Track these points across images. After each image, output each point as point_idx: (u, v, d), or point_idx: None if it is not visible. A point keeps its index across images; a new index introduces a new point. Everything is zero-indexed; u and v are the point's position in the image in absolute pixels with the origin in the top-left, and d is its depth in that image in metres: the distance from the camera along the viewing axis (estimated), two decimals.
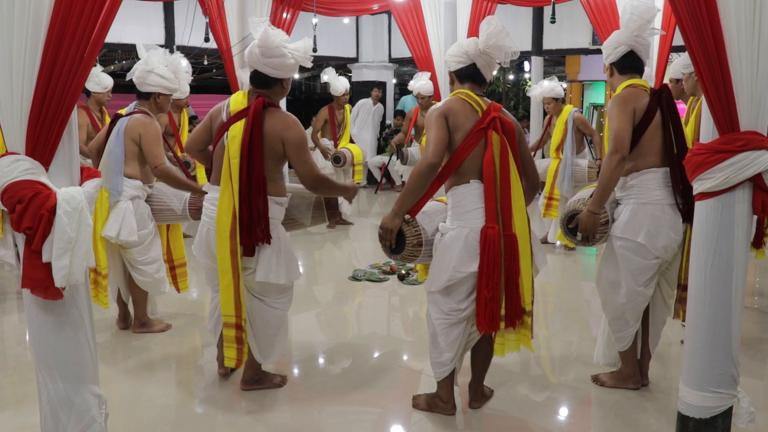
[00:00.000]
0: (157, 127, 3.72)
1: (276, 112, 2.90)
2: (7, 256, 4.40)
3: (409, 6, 8.02)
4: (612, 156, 2.84)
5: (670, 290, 3.09)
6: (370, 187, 10.57)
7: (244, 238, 2.84)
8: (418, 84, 7.03)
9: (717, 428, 2.37)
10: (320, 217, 3.17)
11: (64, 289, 1.93)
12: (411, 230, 2.75)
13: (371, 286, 5.11)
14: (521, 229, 2.70)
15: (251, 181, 2.82)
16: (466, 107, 2.73)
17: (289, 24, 8.13)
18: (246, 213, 2.82)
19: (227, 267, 2.87)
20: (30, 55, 1.81)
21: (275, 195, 2.93)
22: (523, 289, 2.71)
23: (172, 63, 3.78)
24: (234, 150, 2.83)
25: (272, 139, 2.86)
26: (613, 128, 2.88)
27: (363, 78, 11.54)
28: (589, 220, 2.94)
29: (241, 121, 2.85)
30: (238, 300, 2.90)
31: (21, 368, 3.50)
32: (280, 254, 2.91)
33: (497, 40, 2.73)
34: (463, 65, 2.79)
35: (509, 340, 2.76)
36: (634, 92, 2.94)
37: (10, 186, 1.86)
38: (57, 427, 2.04)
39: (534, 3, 8.72)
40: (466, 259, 2.67)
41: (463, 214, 2.71)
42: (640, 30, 2.93)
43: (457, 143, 2.71)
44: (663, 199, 2.91)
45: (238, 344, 2.97)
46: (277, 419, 2.94)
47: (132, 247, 3.72)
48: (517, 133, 2.79)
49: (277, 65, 2.87)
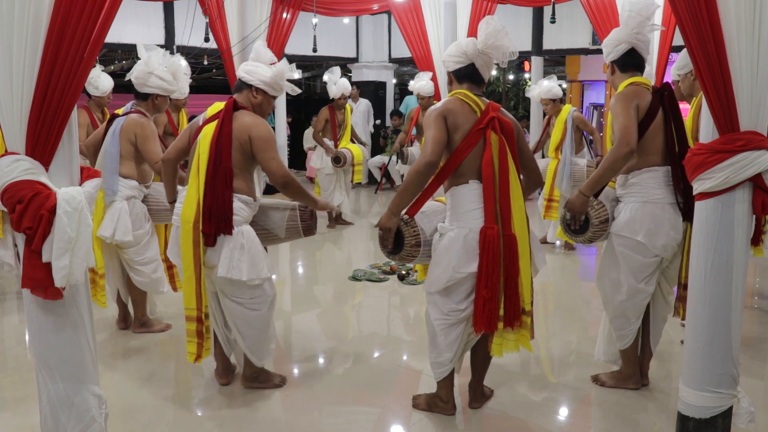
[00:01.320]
0: (153, 127, 3.74)
1: (246, 112, 3.02)
2: (6, 256, 4.41)
3: (409, 6, 8.02)
4: (620, 148, 2.79)
5: (669, 287, 3.09)
6: (370, 187, 10.57)
7: (205, 225, 2.86)
8: (419, 84, 7.02)
9: (717, 428, 2.37)
10: (294, 230, 3.11)
11: (64, 289, 1.93)
12: (409, 230, 2.75)
13: (371, 286, 5.11)
14: (520, 229, 2.70)
15: (217, 173, 2.87)
16: (465, 107, 2.73)
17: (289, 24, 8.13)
18: (209, 202, 2.86)
19: (189, 259, 2.90)
20: (30, 55, 1.81)
21: (241, 193, 2.95)
22: (523, 289, 2.71)
23: (172, 65, 3.78)
24: (204, 146, 2.92)
25: (240, 134, 2.93)
26: (619, 123, 2.85)
27: (363, 78, 11.54)
28: (578, 200, 2.95)
29: (213, 122, 2.96)
30: (199, 293, 2.92)
31: (21, 368, 3.50)
32: (242, 251, 2.90)
33: (496, 40, 2.73)
34: (461, 65, 2.79)
35: (508, 340, 2.75)
36: (637, 90, 2.93)
37: (10, 186, 1.86)
38: (57, 427, 2.04)
39: (534, 3, 8.72)
40: (465, 260, 2.67)
41: (462, 215, 2.71)
42: (640, 27, 2.92)
43: (456, 143, 2.71)
44: (664, 198, 2.91)
45: (199, 338, 2.99)
46: (277, 419, 2.94)
47: (128, 247, 3.73)
48: (516, 132, 2.79)
49: (249, 71, 3.06)
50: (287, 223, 3.09)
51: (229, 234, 2.88)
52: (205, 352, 3.03)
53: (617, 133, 2.85)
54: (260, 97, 3.07)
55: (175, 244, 3.02)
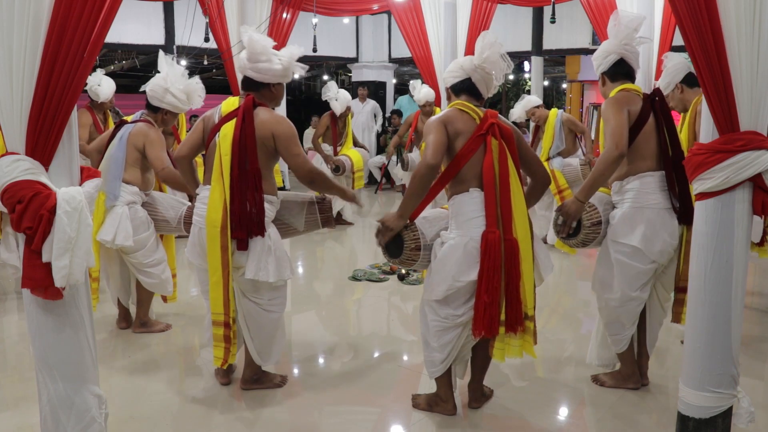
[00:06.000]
0: (161, 136, 3.76)
1: (266, 109, 2.96)
2: (11, 258, 4.40)
3: (409, 6, 8.02)
4: (611, 152, 2.82)
5: (666, 294, 3.08)
6: (370, 187, 10.56)
7: (236, 231, 2.84)
8: (423, 93, 6.89)
9: (717, 428, 2.37)
10: (313, 222, 3.12)
11: (64, 289, 1.93)
12: (409, 234, 2.76)
13: (371, 286, 5.11)
14: (523, 234, 2.69)
15: (245, 175, 2.84)
16: (464, 116, 2.76)
17: (289, 24, 8.13)
18: (238, 206, 2.83)
19: (217, 264, 2.88)
20: (30, 55, 1.81)
21: (266, 193, 2.93)
22: (525, 294, 2.70)
23: (188, 86, 3.78)
24: (225, 147, 2.86)
25: (263, 133, 2.89)
26: (610, 126, 2.87)
27: (363, 78, 11.55)
28: (573, 206, 2.95)
29: (232, 120, 2.90)
30: (227, 297, 2.91)
31: (21, 368, 3.50)
32: (270, 252, 2.90)
33: (491, 53, 2.76)
34: (458, 79, 2.84)
35: (512, 345, 2.73)
36: (627, 95, 2.96)
37: (10, 186, 1.86)
38: (57, 427, 2.04)
39: (534, 3, 8.72)
40: (465, 268, 2.66)
41: (464, 223, 2.71)
42: (628, 39, 2.98)
43: (456, 149, 2.72)
44: (659, 203, 2.91)
45: (226, 343, 2.98)
46: (277, 419, 2.94)
47: (136, 251, 3.74)
48: (516, 137, 2.80)
49: (262, 70, 2.93)
50: (306, 216, 3.09)
51: (262, 236, 2.87)
52: (231, 358, 3.03)
53: (607, 136, 2.87)
54: (278, 89, 3.03)
55: (197, 245, 3.00)
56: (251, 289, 2.99)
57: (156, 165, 3.68)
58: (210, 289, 2.93)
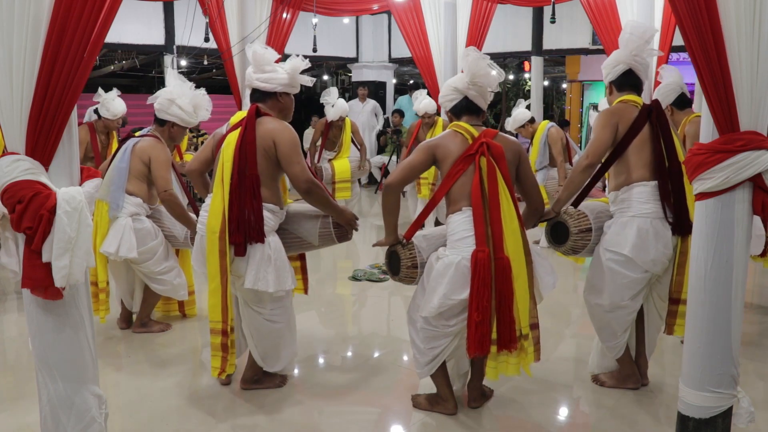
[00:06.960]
0: (168, 153, 3.76)
1: (270, 118, 2.96)
2: (11, 263, 4.40)
3: (409, 6, 8.01)
4: (581, 160, 2.96)
5: (662, 303, 3.07)
6: (370, 187, 10.57)
7: (233, 236, 2.83)
8: (423, 103, 6.76)
9: (717, 428, 2.37)
10: (328, 237, 3.06)
11: (64, 289, 1.93)
12: (405, 252, 2.81)
13: (371, 286, 5.11)
14: (515, 252, 2.68)
15: (244, 181, 2.84)
16: (457, 138, 2.80)
17: (289, 24, 8.12)
18: (236, 212, 2.82)
19: (215, 270, 2.87)
20: (30, 55, 1.81)
21: (267, 201, 2.91)
22: (519, 313, 2.69)
23: (195, 98, 3.78)
24: (227, 154, 2.88)
25: (265, 141, 2.88)
26: (592, 137, 2.99)
27: (363, 78, 11.54)
28: (547, 216, 3.05)
29: (237, 130, 2.92)
30: (225, 305, 2.90)
31: (21, 368, 3.50)
32: (270, 262, 2.88)
33: (478, 69, 2.79)
34: (456, 101, 2.87)
35: (509, 363, 2.74)
36: (623, 107, 2.99)
37: (10, 186, 1.86)
38: (57, 427, 2.04)
39: (534, 3, 8.71)
40: (458, 287, 2.67)
41: (457, 242, 2.73)
42: (639, 50, 2.99)
43: (445, 170, 2.78)
44: (652, 213, 2.91)
45: (224, 352, 2.97)
46: (277, 419, 2.94)
47: (144, 261, 3.74)
48: (520, 157, 2.83)
49: (266, 79, 2.96)
50: (320, 230, 3.05)
51: (261, 242, 2.85)
52: (229, 367, 3.01)
53: (587, 146, 2.97)
54: (286, 99, 3.04)
55: (200, 253, 2.99)
56: (254, 299, 2.98)
57: (159, 185, 3.67)
58: (208, 296, 2.92)
